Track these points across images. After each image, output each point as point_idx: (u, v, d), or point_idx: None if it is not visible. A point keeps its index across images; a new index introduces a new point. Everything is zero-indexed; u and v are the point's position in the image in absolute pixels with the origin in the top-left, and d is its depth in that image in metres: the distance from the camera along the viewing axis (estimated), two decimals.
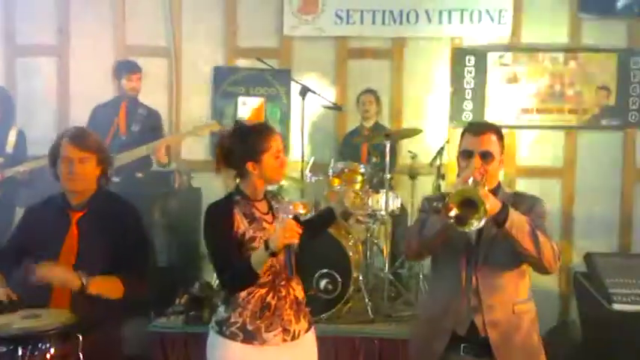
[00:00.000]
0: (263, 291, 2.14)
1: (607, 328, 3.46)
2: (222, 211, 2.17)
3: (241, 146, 2.18)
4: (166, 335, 3.45)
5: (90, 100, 5.04)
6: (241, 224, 2.14)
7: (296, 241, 1.99)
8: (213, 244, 2.16)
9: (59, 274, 2.14)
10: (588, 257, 3.85)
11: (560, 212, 4.98)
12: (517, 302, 2.22)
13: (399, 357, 3.37)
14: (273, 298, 2.15)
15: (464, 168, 2.22)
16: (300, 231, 2.00)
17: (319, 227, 2.62)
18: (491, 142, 2.21)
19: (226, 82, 5.11)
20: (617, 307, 3.37)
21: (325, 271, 3.49)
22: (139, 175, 4.26)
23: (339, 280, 3.51)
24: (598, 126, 4.94)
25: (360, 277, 3.69)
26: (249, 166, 2.16)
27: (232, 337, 2.13)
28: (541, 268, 2.14)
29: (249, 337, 2.12)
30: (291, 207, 2.06)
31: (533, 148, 5.03)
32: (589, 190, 4.97)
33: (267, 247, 2.00)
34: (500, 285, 2.20)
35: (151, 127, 4.39)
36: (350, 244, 3.74)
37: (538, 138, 5.03)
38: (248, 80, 5.10)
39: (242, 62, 5.16)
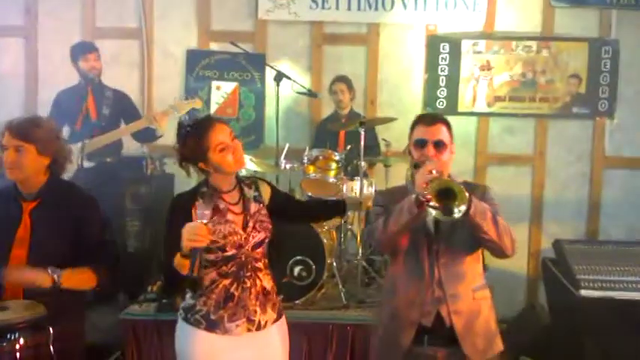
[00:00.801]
0: (227, 282, 2.15)
1: (574, 313, 3.53)
2: (182, 204, 2.17)
3: (186, 150, 2.16)
4: (138, 323, 3.41)
5: (58, 81, 4.92)
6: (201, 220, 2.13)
7: (201, 245, 1.92)
8: (164, 238, 2.16)
9: (29, 275, 2.10)
10: (557, 244, 3.91)
11: (530, 198, 5.07)
12: (476, 289, 2.29)
13: (371, 342, 3.40)
14: (237, 289, 2.15)
15: (418, 158, 2.27)
16: (209, 237, 1.95)
17: (327, 213, 2.64)
18: (442, 132, 2.27)
19: (199, 66, 5.02)
20: (584, 293, 3.43)
21: (299, 257, 3.50)
22: (109, 160, 4.18)
23: (313, 266, 3.53)
24: (569, 114, 5.02)
25: (334, 264, 3.71)
26: (201, 165, 2.16)
27: (196, 324, 2.15)
28: (500, 253, 2.21)
29: (212, 326, 2.14)
30: (207, 212, 2.02)
31: (505, 136, 5.09)
32: (559, 177, 5.06)
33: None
34: (461, 273, 2.26)
35: (120, 108, 4.30)
36: (324, 230, 3.75)
37: (510, 125, 5.08)
38: (222, 64, 5.02)
39: (215, 46, 5.08)
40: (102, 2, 5.02)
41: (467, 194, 2.02)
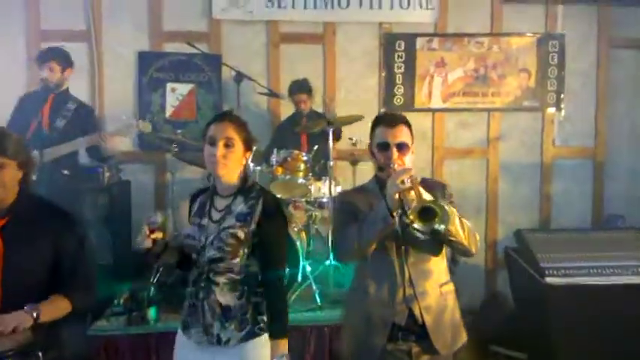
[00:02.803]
0: (192, 288, 2.17)
1: (540, 300, 3.66)
2: (190, 199, 2.29)
3: None
4: (109, 338, 3.29)
5: (1, 88, 4.67)
6: (191, 214, 2.24)
7: (144, 245, 2.03)
8: None
9: (9, 321, 1.97)
10: (518, 233, 4.04)
11: (485, 190, 5.22)
12: (442, 284, 2.34)
13: (341, 343, 3.40)
14: (194, 297, 2.15)
15: (383, 161, 2.27)
16: (152, 237, 2.03)
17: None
18: (404, 134, 2.28)
19: (152, 68, 4.86)
20: (549, 280, 3.57)
21: None
22: (65, 172, 3.95)
23: (287, 269, 3.48)
24: (519, 107, 5.19)
25: (308, 266, 3.69)
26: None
27: (180, 322, 2.23)
28: (465, 253, 2.26)
29: (184, 328, 2.18)
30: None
31: (459, 130, 5.21)
32: (512, 169, 5.22)
33: None
34: (428, 270, 2.30)
35: (79, 122, 4.01)
36: (294, 230, 3.73)
37: (464, 120, 5.20)
38: (176, 66, 4.87)
39: (168, 47, 4.93)
40: (47, 3, 4.76)
41: (447, 210, 2.02)
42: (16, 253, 2.13)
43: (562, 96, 5.17)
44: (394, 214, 2.08)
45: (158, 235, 2.03)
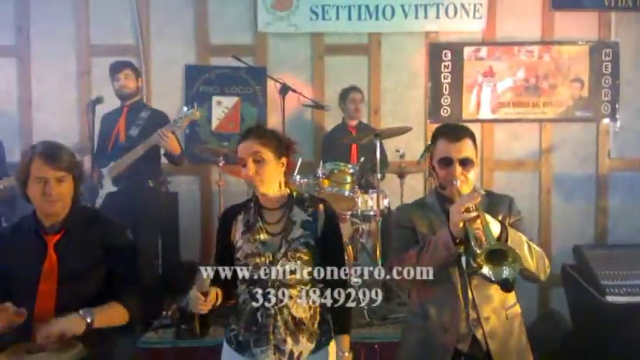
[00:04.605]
0: (255, 305, 2.07)
1: (599, 319, 3.49)
2: (226, 217, 2.21)
3: None
4: (157, 351, 3.28)
5: (53, 104, 4.81)
6: (237, 233, 2.14)
7: (202, 312, 1.96)
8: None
9: (61, 326, 1.96)
10: (577, 249, 3.87)
11: (538, 204, 5.04)
12: (507, 307, 2.18)
13: None
14: (262, 315, 2.06)
15: (444, 177, 2.14)
16: (209, 304, 1.95)
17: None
18: (468, 148, 2.14)
19: (199, 81, 4.91)
20: (610, 299, 3.40)
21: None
22: (151, 183, 4.00)
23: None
24: (572, 118, 5.01)
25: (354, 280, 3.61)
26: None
27: (229, 342, 2.13)
28: (534, 278, 2.11)
29: (240, 348, 2.09)
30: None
31: (510, 141, 5.06)
32: (565, 182, 5.04)
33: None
34: (492, 295, 2.14)
35: (153, 129, 3.91)
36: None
37: (515, 131, 5.05)
38: (222, 79, 4.91)
39: (214, 60, 4.97)
40: (96, 19, 4.87)
41: (518, 254, 1.88)
42: (71, 267, 2.13)
43: (617, 106, 4.97)
44: (457, 240, 1.97)
45: (211, 298, 1.95)
